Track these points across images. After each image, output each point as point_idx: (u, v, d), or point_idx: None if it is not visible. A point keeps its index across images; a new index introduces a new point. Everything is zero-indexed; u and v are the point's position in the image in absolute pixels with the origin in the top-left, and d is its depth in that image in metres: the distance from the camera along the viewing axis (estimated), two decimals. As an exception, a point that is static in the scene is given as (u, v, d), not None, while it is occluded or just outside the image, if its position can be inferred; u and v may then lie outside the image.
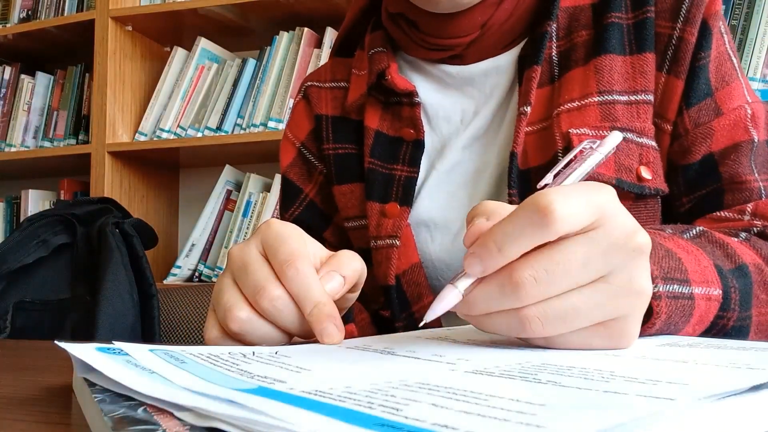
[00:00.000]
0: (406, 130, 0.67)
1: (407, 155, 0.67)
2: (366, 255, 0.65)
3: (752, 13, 1.45)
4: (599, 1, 0.64)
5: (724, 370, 0.27)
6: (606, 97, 0.60)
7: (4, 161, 2.01)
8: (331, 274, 0.41)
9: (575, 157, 0.41)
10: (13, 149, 2.05)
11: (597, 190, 0.34)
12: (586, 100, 0.60)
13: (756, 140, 0.60)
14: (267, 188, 1.78)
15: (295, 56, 1.75)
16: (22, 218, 2.03)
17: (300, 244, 0.41)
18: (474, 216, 0.36)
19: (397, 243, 0.64)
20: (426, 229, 0.66)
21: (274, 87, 1.76)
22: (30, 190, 2.09)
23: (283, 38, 1.77)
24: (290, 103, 1.73)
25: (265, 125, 1.74)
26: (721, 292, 0.44)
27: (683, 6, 0.61)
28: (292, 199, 0.75)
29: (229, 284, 0.42)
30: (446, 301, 0.35)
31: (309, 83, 0.76)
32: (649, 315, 0.39)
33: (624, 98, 0.60)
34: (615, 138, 0.41)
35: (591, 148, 0.40)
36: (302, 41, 1.75)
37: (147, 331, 1.12)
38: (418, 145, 0.66)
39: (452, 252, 0.64)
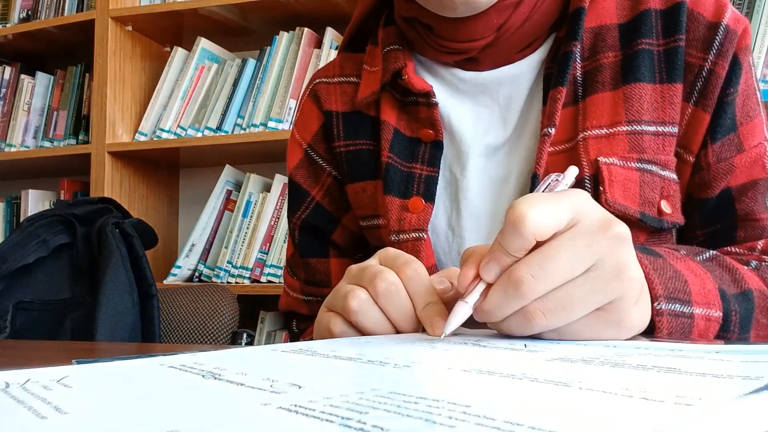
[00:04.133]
0: (424, 131, 0.65)
1: (426, 155, 0.65)
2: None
3: (752, 13, 1.45)
4: (627, 23, 0.62)
5: (614, 399, 0.23)
6: (635, 126, 0.60)
7: (4, 161, 2.01)
8: (441, 279, 0.45)
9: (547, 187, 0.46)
10: (13, 149, 2.05)
11: (568, 192, 0.38)
12: (615, 129, 0.60)
13: None
14: (267, 188, 1.78)
15: (295, 56, 1.75)
16: (22, 218, 2.03)
17: (416, 259, 0.46)
18: (468, 255, 0.41)
19: (425, 236, 0.63)
20: (444, 236, 0.65)
21: (274, 87, 1.76)
22: (30, 190, 2.09)
23: (283, 38, 1.77)
24: (290, 103, 1.73)
25: (265, 125, 1.74)
26: (721, 314, 0.48)
27: (716, 38, 0.60)
28: (299, 202, 0.74)
29: (344, 282, 0.47)
30: (459, 315, 0.39)
31: (318, 80, 0.74)
32: (652, 330, 0.43)
33: (652, 129, 0.60)
34: (573, 172, 0.46)
35: (557, 180, 0.45)
36: (302, 41, 1.75)
37: (147, 331, 1.12)
38: (437, 146, 0.65)
39: None
